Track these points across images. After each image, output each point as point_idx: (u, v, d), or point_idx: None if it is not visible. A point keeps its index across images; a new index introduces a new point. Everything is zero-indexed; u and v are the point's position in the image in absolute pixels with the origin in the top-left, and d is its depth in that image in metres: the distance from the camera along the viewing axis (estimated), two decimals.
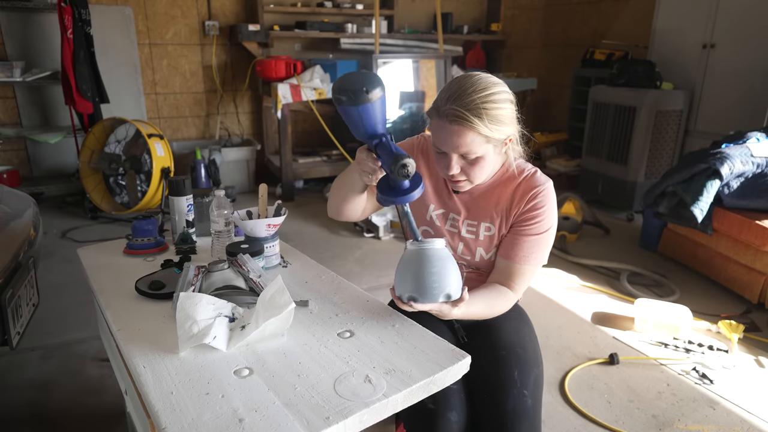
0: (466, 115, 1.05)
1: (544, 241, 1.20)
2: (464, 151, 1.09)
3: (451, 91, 1.08)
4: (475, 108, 1.05)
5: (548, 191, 1.20)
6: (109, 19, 4.05)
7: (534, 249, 1.20)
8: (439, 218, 1.29)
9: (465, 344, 1.25)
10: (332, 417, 0.79)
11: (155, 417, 0.80)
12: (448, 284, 1.00)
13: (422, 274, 0.99)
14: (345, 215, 1.29)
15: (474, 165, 1.12)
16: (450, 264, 1.01)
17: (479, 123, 1.05)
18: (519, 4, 5.57)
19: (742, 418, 1.85)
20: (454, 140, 1.08)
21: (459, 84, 1.09)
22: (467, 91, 1.07)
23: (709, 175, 2.73)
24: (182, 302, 0.99)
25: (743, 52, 3.61)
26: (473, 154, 1.10)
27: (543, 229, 1.20)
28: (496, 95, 1.08)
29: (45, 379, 2.00)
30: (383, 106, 1.05)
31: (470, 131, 1.06)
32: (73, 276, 2.78)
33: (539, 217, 1.19)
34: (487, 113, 1.06)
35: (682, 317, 2.35)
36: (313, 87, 4.12)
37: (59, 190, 4.09)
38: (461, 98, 1.06)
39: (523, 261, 1.20)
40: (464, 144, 1.08)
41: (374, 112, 1.03)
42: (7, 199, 1.91)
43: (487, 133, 1.07)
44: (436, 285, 0.99)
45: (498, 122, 1.08)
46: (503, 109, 1.09)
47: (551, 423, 1.80)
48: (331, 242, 3.41)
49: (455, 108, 1.06)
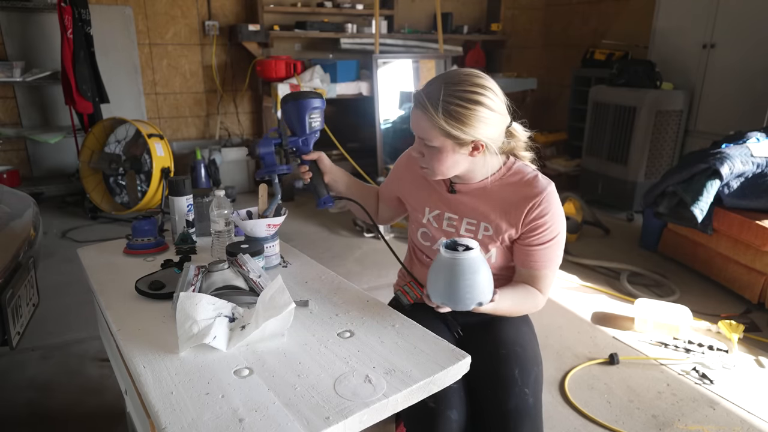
0: (425, 102, 1.10)
1: (556, 245, 1.21)
2: (422, 136, 1.14)
3: (432, 78, 1.14)
4: (435, 98, 1.09)
5: (551, 195, 1.18)
6: (109, 19, 4.05)
7: (549, 255, 1.20)
8: (435, 219, 1.30)
9: (465, 343, 1.25)
10: (332, 417, 0.79)
11: (155, 417, 0.80)
12: (481, 293, 1.01)
13: (455, 285, 1.00)
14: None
15: (432, 155, 1.15)
16: (482, 271, 1.02)
17: (434, 114, 1.09)
18: (519, 4, 5.57)
19: (742, 418, 1.85)
20: (413, 121, 1.15)
21: (442, 74, 1.15)
22: (438, 81, 1.12)
23: (709, 175, 2.73)
24: (182, 302, 0.99)
25: (743, 52, 3.61)
26: (429, 142, 1.14)
27: (553, 235, 1.19)
28: (468, 94, 1.08)
29: (45, 379, 2.00)
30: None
31: (425, 118, 1.11)
32: (73, 276, 2.78)
33: (547, 224, 1.18)
34: (446, 107, 1.08)
35: (682, 317, 2.35)
36: (313, 87, 4.12)
37: (59, 190, 4.09)
38: (430, 85, 1.13)
39: (541, 267, 1.21)
40: (420, 129, 1.14)
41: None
42: (7, 199, 1.91)
43: (443, 126, 1.09)
44: (468, 296, 1.00)
45: (457, 120, 1.08)
46: (469, 110, 1.08)
47: (551, 423, 1.80)
48: (331, 242, 3.41)
49: (419, 92, 1.13)
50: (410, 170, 1.36)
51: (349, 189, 1.44)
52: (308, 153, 1.34)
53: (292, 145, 1.33)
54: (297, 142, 1.33)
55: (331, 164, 1.39)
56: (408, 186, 1.37)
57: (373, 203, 1.50)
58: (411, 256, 1.42)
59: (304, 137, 1.32)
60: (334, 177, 1.39)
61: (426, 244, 1.32)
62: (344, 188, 1.43)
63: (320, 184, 1.35)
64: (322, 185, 1.35)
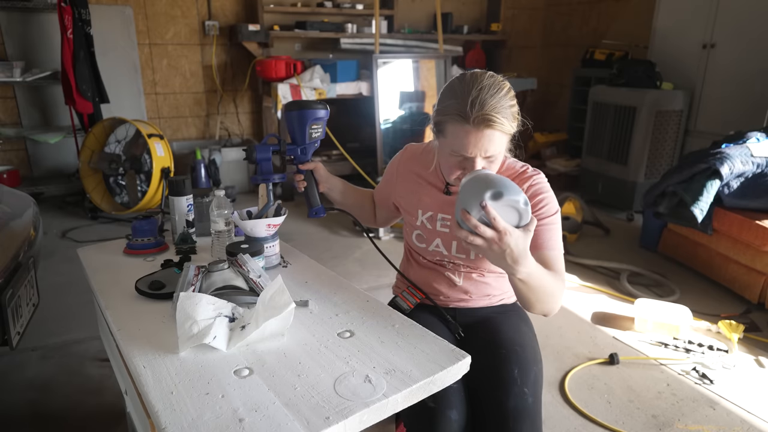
0: (498, 117, 1.06)
1: (555, 225, 1.20)
2: (492, 153, 1.10)
3: (473, 96, 1.06)
4: (502, 109, 1.07)
5: (543, 180, 1.23)
6: (109, 19, 4.05)
7: (549, 235, 1.19)
8: (428, 221, 1.30)
9: (464, 343, 1.25)
10: (332, 417, 0.79)
11: (155, 417, 0.80)
12: (512, 186, 0.99)
13: (496, 179, 0.99)
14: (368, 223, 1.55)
15: (493, 163, 1.14)
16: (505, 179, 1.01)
17: (506, 122, 1.07)
18: (519, 4, 5.57)
19: (742, 418, 1.85)
20: (485, 144, 1.08)
21: (477, 88, 1.07)
22: (490, 94, 1.07)
23: (709, 175, 2.73)
24: (182, 302, 0.99)
25: (743, 52, 3.61)
26: (498, 154, 1.12)
27: (550, 212, 1.19)
28: (510, 91, 1.11)
29: (45, 379, 2.00)
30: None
31: (498, 132, 1.08)
32: (73, 276, 2.78)
33: (543, 201, 1.19)
34: (508, 110, 1.08)
35: (682, 317, 2.35)
36: (313, 87, 4.13)
37: (59, 190, 4.09)
38: (488, 102, 1.06)
39: (545, 247, 1.17)
40: (493, 147, 1.09)
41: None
42: (7, 199, 1.91)
43: (509, 129, 1.10)
44: (512, 185, 0.99)
45: (513, 118, 1.11)
46: (515, 105, 1.12)
47: (551, 423, 1.80)
48: (331, 242, 3.41)
49: (486, 113, 1.05)
50: (401, 174, 1.37)
51: (345, 197, 1.45)
52: (305, 163, 1.35)
53: (290, 153, 1.33)
54: (295, 151, 1.33)
55: (327, 174, 1.40)
56: (400, 190, 1.37)
57: (369, 208, 1.51)
58: (407, 258, 1.43)
59: (303, 146, 1.33)
60: (330, 186, 1.41)
61: (421, 246, 1.32)
62: (340, 197, 1.44)
63: (314, 194, 1.36)
64: (316, 195, 1.36)
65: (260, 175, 1.32)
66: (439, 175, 1.29)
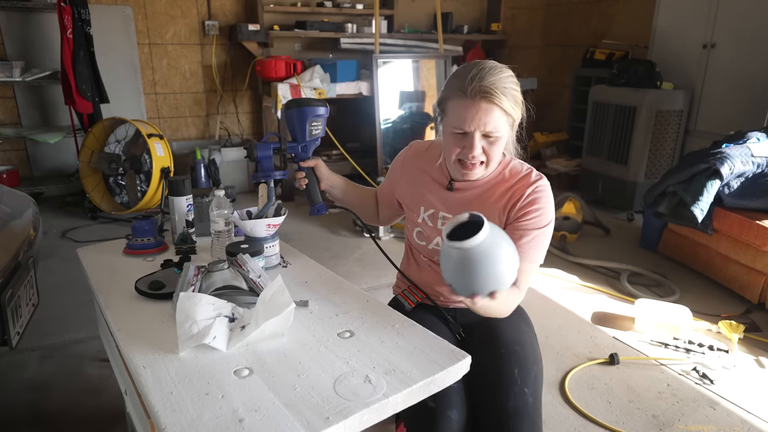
0: (495, 91, 1.10)
1: (542, 237, 1.20)
2: (490, 129, 1.13)
3: (472, 73, 1.12)
4: (501, 86, 1.10)
5: (546, 189, 1.23)
6: (109, 19, 4.05)
7: (532, 245, 1.19)
8: (430, 219, 1.30)
9: (464, 343, 1.25)
10: (332, 417, 0.79)
11: (155, 417, 0.80)
12: (503, 277, 0.92)
13: (475, 276, 0.91)
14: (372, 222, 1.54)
15: (494, 145, 1.16)
16: (502, 250, 0.91)
17: (505, 100, 1.11)
18: (519, 4, 5.57)
19: (743, 419, 1.85)
20: (482, 117, 1.11)
21: (478, 67, 1.13)
22: (490, 72, 1.12)
23: (709, 175, 2.73)
24: (182, 302, 0.99)
25: (743, 52, 3.61)
26: (497, 133, 1.14)
27: (541, 224, 1.20)
28: (513, 78, 1.15)
29: (45, 379, 2.00)
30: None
31: (497, 108, 1.11)
32: (73, 276, 2.77)
33: (538, 211, 1.19)
34: (510, 92, 1.12)
35: (682, 317, 2.35)
36: (312, 87, 4.12)
37: (59, 190, 4.09)
38: (486, 78, 1.11)
39: (523, 258, 1.17)
40: (491, 121, 1.12)
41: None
42: (7, 199, 1.91)
43: (510, 111, 1.13)
44: (494, 280, 0.92)
45: (515, 102, 1.14)
46: (518, 92, 1.15)
47: (551, 423, 1.80)
48: (331, 242, 3.41)
49: (484, 85, 1.10)
50: (406, 170, 1.38)
51: (346, 195, 1.45)
52: (306, 160, 1.35)
53: (291, 151, 1.34)
54: (296, 149, 1.34)
55: (328, 172, 1.40)
56: (404, 186, 1.38)
57: (372, 206, 1.51)
58: (408, 256, 1.43)
59: (304, 144, 1.33)
60: (331, 184, 1.41)
61: (421, 243, 1.32)
62: (341, 194, 1.44)
63: (315, 192, 1.36)
64: (317, 192, 1.37)
65: (261, 173, 1.33)
66: (444, 170, 1.30)
